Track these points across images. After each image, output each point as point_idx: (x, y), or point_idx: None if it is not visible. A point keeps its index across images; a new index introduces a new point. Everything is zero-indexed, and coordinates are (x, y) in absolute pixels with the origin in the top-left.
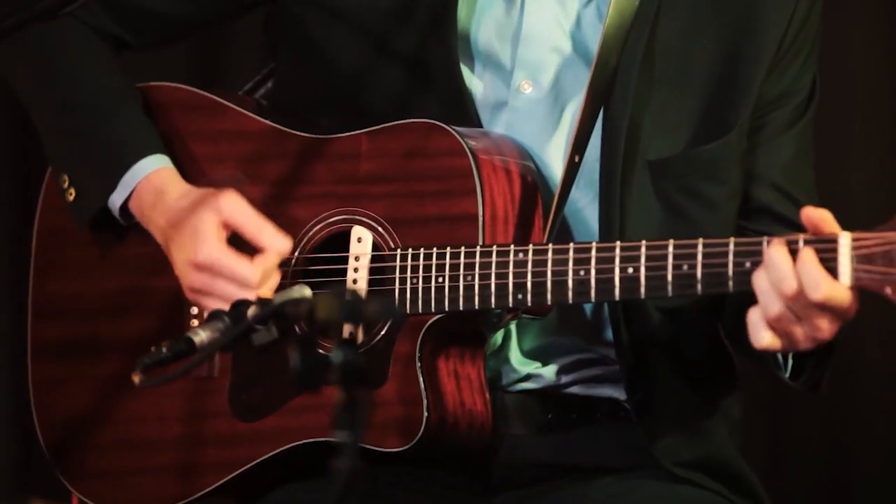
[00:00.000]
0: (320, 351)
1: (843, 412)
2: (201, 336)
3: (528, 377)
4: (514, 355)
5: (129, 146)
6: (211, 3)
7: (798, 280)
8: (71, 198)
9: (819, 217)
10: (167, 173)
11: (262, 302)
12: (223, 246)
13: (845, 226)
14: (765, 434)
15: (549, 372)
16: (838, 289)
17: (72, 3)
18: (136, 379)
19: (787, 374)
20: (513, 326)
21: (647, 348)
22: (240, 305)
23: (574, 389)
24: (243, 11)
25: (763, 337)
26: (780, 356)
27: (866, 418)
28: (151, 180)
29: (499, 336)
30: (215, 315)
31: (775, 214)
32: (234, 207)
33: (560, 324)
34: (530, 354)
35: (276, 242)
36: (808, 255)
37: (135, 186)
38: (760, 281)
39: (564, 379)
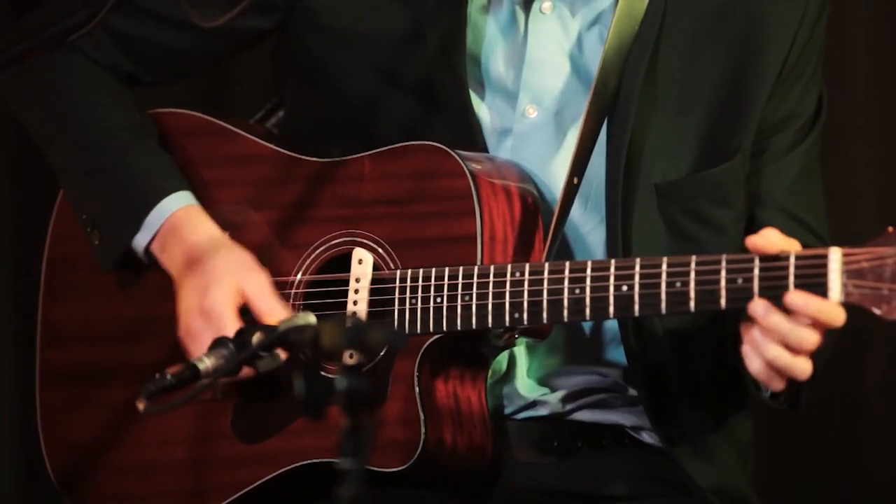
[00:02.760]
0: (325, 375)
1: (848, 438)
2: (206, 363)
3: (534, 404)
4: (521, 382)
5: (150, 185)
6: (219, 35)
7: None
8: (96, 242)
9: (764, 243)
10: (192, 211)
11: (266, 329)
12: (232, 304)
13: (848, 234)
14: (769, 464)
15: (555, 398)
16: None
17: (77, 30)
18: (141, 406)
19: (768, 394)
20: (519, 352)
21: (658, 369)
22: (244, 332)
23: (580, 415)
24: (252, 42)
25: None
26: None
27: (872, 447)
28: (176, 219)
29: (504, 362)
30: (220, 342)
31: None
32: (257, 288)
33: (567, 348)
34: (538, 381)
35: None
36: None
37: (159, 228)
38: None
39: (570, 406)
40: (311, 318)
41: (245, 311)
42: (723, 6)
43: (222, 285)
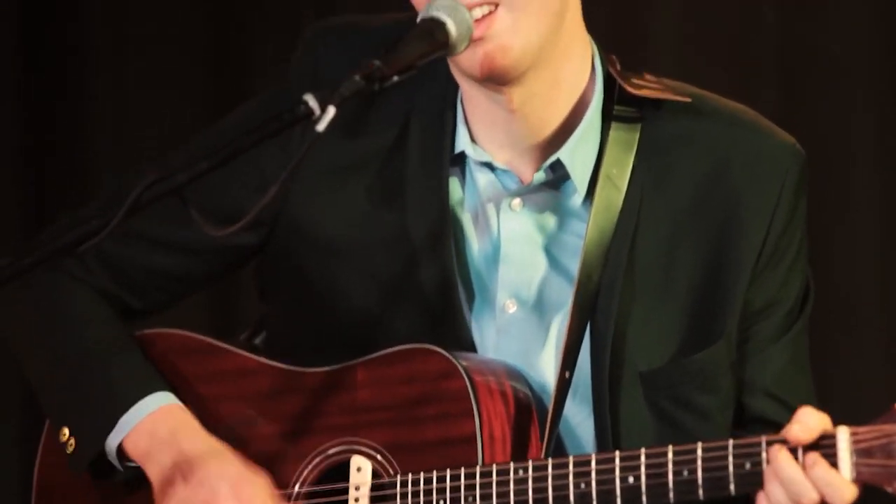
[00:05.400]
0: None
1: None
2: None
3: None
4: None
5: (128, 386)
6: (208, 255)
7: (817, 490)
8: (70, 449)
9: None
10: (176, 409)
11: None
12: None
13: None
14: None
15: None
16: (853, 489)
17: (71, 252)
18: None
19: None
20: None
21: None
22: None
23: None
24: (239, 260)
25: None
26: None
27: None
28: (157, 417)
29: None
30: None
31: (770, 423)
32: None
33: None
34: None
35: None
36: (817, 461)
37: (134, 425)
38: (777, 495)
39: None
40: None
41: None
42: (699, 193)
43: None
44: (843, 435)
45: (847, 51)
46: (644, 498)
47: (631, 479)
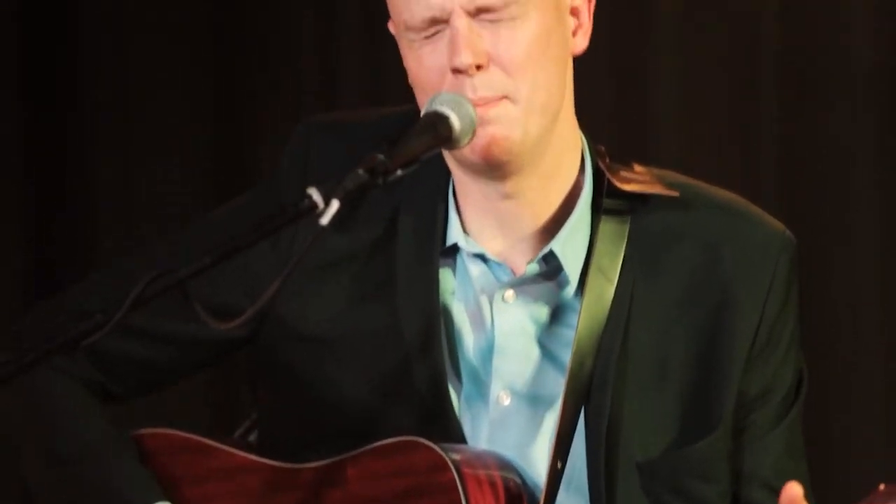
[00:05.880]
0: None
1: None
2: None
3: None
4: None
5: (130, 497)
6: (191, 348)
7: None
8: None
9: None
10: None
11: None
12: None
13: None
14: None
15: None
16: None
17: (73, 348)
18: None
19: None
20: None
21: None
22: None
23: None
24: (226, 353)
25: None
26: None
27: None
28: None
29: None
30: None
31: None
32: None
33: None
34: None
35: None
36: None
37: None
38: None
39: None
40: None
41: None
42: (691, 283)
43: None
44: None
45: (847, 50)
46: None
47: None
